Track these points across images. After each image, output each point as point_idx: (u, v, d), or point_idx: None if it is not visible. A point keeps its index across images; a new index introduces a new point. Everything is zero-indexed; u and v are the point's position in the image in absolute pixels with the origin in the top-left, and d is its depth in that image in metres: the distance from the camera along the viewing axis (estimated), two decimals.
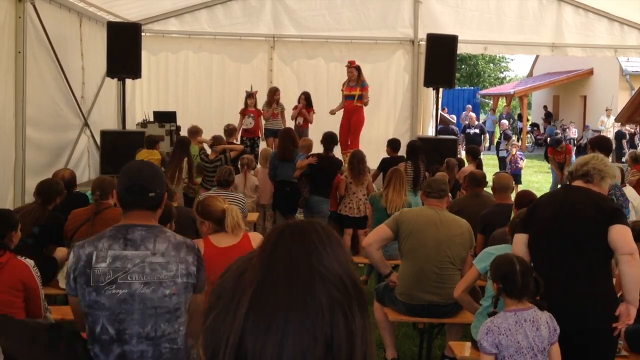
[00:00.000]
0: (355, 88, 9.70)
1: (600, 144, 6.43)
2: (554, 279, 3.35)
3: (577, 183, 3.57)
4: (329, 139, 7.88)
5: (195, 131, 8.78)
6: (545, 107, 27.20)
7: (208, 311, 0.88)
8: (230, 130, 9.03)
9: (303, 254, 0.85)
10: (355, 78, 9.68)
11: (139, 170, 2.82)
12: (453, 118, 17.36)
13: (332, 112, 9.92)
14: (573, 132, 21.98)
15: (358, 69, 9.75)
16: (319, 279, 0.83)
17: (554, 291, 3.28)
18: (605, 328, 3.32)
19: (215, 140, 8.44)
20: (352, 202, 7.72)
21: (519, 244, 3.55)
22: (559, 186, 12.11)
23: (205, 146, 8.69)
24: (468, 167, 8.76)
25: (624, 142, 19.22)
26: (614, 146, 18.74)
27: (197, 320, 2.96)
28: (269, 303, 0.82)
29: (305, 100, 10.06)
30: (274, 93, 10.10)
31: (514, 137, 17.28)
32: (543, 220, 3.51)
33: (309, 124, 10.10)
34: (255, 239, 3.87)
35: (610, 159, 12.46)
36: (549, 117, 26.35)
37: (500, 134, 16.09)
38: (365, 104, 9.76)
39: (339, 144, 8.74)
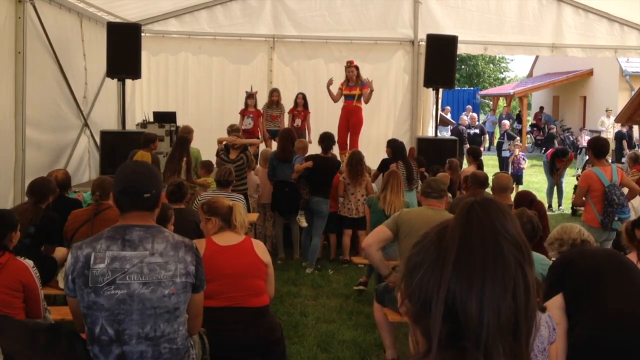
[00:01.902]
0: (355, 88, 9.69)
1: (594, 147, 6.41)
2: (629, 304, 3.22)
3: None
4: (326, 140, 7.87)
5: (187, 131, 8.73)
6: (541, 108, 27.27)
7: (412, 271, 1.07)
8: (234, 131, 9.02)
9: (491, 222, 1.04)
10: (355, 78, 9.67)
11: (133, 171, 2.81)
12: (464, 121, 17.20)
13: (330, 82, 9.79)
14: (585, 141, 18.82)
15: (357, 68, 9.74)
16: (505, 242, 1.02)
17: (629, 314, 3.18)
18: None
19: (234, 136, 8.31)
20: (350, 202, 7.72)
21: (557, 307, 3.28)
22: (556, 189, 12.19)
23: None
24: (469, 167, 8.75)
25: (624, 142, 19.20)
26: (613, 146, 18.77)
27: (197, 320, 2.97)
28: (469, 261, 1.01)
29: (303, 100, 10.06)
30: (271, 94, 10.12)
31: (518, 138, 17.18)
32: (590, 260, 3.42)
33: (307, 126, 10.09)
34: (258, 244, 3.91)
35: (610, 159, 12.44)
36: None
37: (502, 134, 16.05)
38: (366, 102, 9.74)
39: (336, 144, 8.73)
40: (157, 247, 2.68)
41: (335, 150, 8.75)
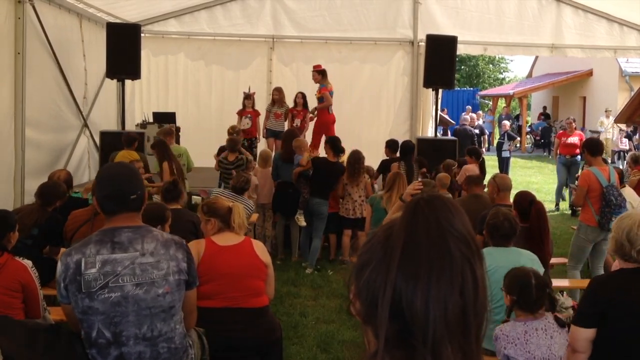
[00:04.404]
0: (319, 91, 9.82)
1: (589, 146, 6.42)
2: None
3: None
4: (333, 144, 7.82)
5: (169, 132, 8.70)
6: (544, 108, 27.24)
7: (361, 269, 1.06)
8: (235, 133, 9.01)
9: (437, 218, 1.02)
10: (320, 81, 9.76)
11: (117, 174, 2.79)
12: (473, 119, 17.13)
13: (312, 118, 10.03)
14: (624, 143, 18.53)
15: (321, 72, 9.79)
16: (451, 238, 1.01)
17: None
18: None
19: (232, 142, 8.35)
20: (347, 203, 7.72)
21: (583, 339, 2.96)
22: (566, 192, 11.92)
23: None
24: (471, 167, 8.71)
25: None
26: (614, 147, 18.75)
27: (192, 316, 2.97)
28: (415, 258, 1.00)
29: (302, 99, 10.05)
30: (274, 93, 10.11)
31: (519, 139, 17.12)
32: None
33: (305, 126, 10.06)
34: (257, 245, 3.91)
35: (609, 159, 12.34)
36: (547, 118, 26.34)
37: (502, 134, 16.02)
38: (324, 107, 9.77)
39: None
40: (147, 247, 2.67)
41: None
